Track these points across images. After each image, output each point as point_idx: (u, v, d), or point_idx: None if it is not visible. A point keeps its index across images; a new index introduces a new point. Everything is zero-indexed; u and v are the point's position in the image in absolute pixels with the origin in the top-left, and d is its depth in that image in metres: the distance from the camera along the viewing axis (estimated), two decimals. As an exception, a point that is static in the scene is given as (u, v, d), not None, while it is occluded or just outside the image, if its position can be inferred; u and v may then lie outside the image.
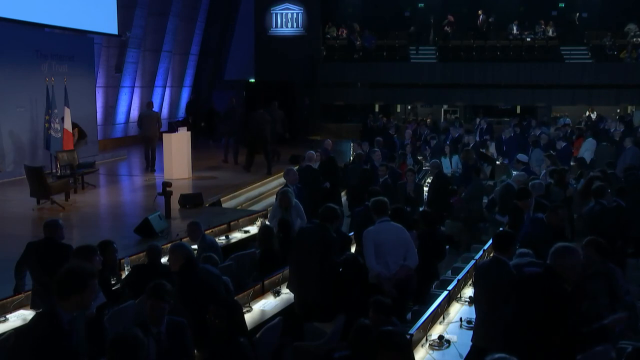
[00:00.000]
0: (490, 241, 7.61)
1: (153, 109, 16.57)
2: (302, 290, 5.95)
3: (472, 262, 6.69)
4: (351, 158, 15.38)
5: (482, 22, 25.35)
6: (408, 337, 4.63)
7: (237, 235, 8.86)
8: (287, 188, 8.43)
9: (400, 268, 5.90)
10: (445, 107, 26.64)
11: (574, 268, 4.19)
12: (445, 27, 25.45)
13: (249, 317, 5.56)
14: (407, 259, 6.00)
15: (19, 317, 5.53)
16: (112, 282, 6.26)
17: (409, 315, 5.90)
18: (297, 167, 13.53)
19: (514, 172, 14.08)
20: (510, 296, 4.46)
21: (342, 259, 5.99)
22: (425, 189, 11.36)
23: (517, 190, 7.43)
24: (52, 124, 13.44)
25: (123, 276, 6.62)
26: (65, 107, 13.93)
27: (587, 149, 14.21)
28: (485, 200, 11.24)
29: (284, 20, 24.92)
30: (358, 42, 25.25)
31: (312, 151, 11.43)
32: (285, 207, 7.94)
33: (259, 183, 13.79)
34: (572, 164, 13.37)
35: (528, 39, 25.35)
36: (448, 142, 16.85)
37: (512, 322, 4.32)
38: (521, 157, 10.51)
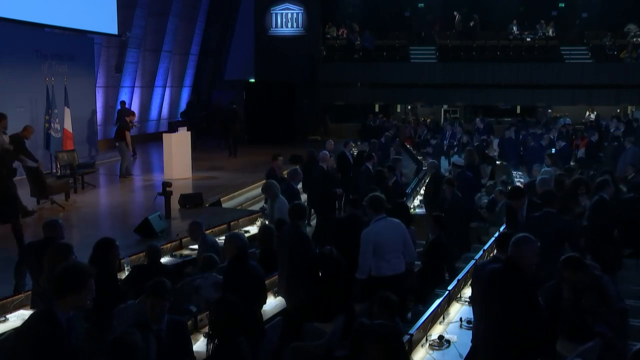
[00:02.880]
0: (490, 241, 7.66)
1: (126, 107, 17.67)
2: (288, 292, 5.98)
3: (472, 262, 6.68)
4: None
5: (457, 22, 25.43)
6: (407, 337, 4.63)
7: (237, 235, 8.84)
8: (271, 180, 8.42)
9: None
10: (445, 107, 26.64)
11: (529, 257, 4.20)
12: (432, 32, 25.68)
13: (249, 317, 5.56)
14: (405, 254, 6.11)
15: (19, 317, 5.53)
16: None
17: (409, 315, 5.90)
18: (298, 166, 13.50)
19: (513, 172, 14.14)
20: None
21: (318, 256, 6.02)
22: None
23: (509, 190, 7.35)
24: (52, 124, 13.45)
25: (123, 276, 6.61)
26: (65, 107, 13.95)
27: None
28: (485, 200, 11.25)
29: (284, 20, 24.92)
30: (358, 42, 25.26)
31: (325, 151, 11.22)
32: (270, 199, 7.89)
33: (259, 183, 13.75)
34: (572, 163, 13.39)
35: (528, 39, 25.35)
36: (446, 143, 16.87)
37: (486, 323, 4.36)
38: (457, 160, 10.47)
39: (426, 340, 4.93)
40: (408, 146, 19.64)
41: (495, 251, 5.07)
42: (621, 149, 13.56)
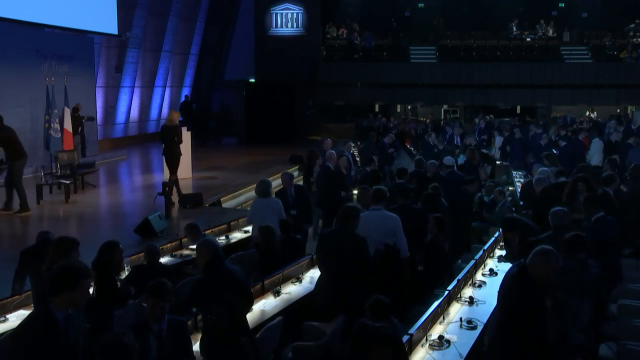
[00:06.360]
0: (490, 241, 7.65)
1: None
2: (336, 296, 5.71)
3: (472, 262, 6.67)
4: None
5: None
6: (407, 337, 4.63)
7: (237, 235, 8.84)
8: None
9: None
10: (445, 107, 26.65)
11: (541, 268, 4.19)
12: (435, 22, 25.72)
13: (249, 317, 5.55)
14: (399, 247, 6.17)
15: (19, 317, 5.52)
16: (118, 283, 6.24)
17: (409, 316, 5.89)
18: (296, 167, 13.47)
19: (513, 172, 14.13)
20: None
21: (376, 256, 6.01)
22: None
23: (504, 221, 7.09)
24: (52, 124, 13.44)
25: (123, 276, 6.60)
26: (65, 107, 13.94)
27: (596, 150, 14.06)
28: (486, 200, 11.25)
29: (284, 20, 24.93)
30: (357, 41, 25.27)
31: (332, 150, 11.12)
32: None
33: (259, 183, 13.78)
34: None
35: (528, 39, 25.36)
36: (446, 143, 16.81)
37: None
38: (447, 160, 10.41)
39: (426, 340, 4.92)
40: (408, 146, 19.63)
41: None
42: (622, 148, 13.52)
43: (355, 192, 10.07)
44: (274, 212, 7.69)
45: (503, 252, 7.37)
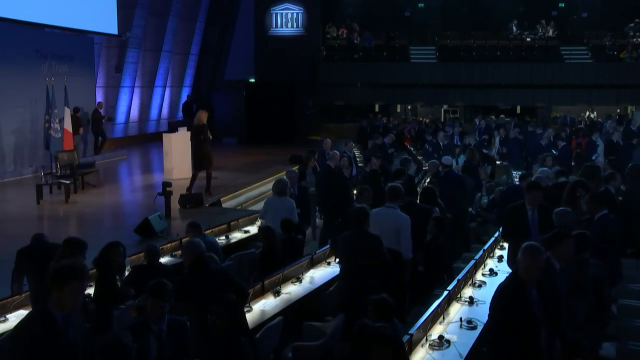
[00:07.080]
0: (490, 241, 7.66)
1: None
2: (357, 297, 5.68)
3: (472, 262, 6.67)
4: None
5: None
6: (407, 337, 4.63)
7: (237, 235, 8.85)
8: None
9: None
10: (445, 107, 26.65)
11: (529, 265, 4.16)
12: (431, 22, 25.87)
13: (249, 317, 5.55)
14: (401, 248, 6.15)
15: (19, 317, 5.51)
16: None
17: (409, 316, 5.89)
18: (296, 167, 13.47)
19: (513, 172, 14.13)
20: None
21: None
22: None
23: (528, 183, 7.14)
24: (52, 124, 13.43)
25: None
26: (65, 107, 13.94)
27: (600, 151, 14.02)
28: (485, 201, 11.25)
29: (284, 20, 24.93)
30: (357, 41, 25.26)
31: (335, 150, 11.14)
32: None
33: (259, 183, 13.79)
34: (572, 164, 13.36)
35: (528, 39, 25.37)
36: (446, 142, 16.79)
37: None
38: (446, 159, 10.42)
39: (426, 340, 4.93)
40: (408, 146, 19.63)
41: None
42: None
43: (355, 192, 10.07)
44: (287, 212, 7.72)
45: (503, 253, 7.37)
